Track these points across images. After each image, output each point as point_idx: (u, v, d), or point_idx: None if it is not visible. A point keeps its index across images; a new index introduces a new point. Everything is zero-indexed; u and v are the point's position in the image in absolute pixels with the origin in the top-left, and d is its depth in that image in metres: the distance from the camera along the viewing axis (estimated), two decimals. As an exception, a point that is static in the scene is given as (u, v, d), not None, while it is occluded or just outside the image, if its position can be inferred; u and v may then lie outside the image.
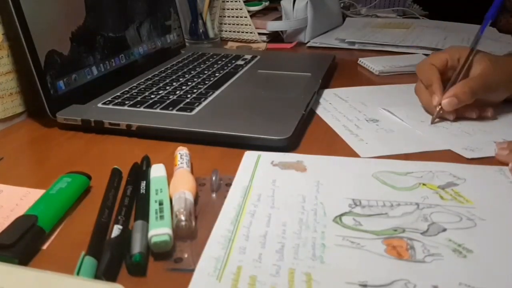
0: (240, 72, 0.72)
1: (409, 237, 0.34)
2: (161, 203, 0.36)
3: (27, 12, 0.53)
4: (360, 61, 0.84)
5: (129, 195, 0.39)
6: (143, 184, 0.40)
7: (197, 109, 0.56)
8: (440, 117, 0.56)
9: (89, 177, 0.42)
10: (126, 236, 0.33)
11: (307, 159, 0.46)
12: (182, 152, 0.45)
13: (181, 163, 0.43)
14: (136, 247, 0.32)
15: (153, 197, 0.37)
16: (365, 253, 0.32)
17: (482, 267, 0.31)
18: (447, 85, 0.56)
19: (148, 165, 0.44)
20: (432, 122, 0.55)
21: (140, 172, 0.43)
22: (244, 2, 1.02)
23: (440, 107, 0.55)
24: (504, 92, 0.57)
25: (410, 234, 0.34)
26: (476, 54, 0.56)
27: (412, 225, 0.35)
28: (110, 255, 0.31)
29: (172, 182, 0.40)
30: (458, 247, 0.33)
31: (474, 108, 0.56)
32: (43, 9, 0.56)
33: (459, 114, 0.56)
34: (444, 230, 0.35)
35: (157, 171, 0.42)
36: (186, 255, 0.33)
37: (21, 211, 0.36)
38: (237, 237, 0.34)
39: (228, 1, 1.03)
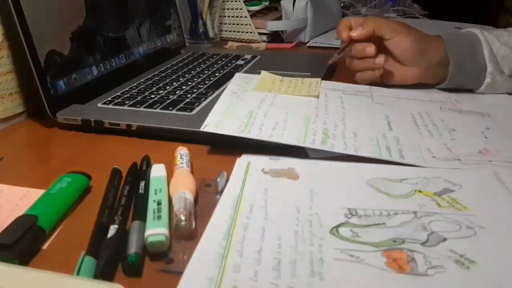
0: (240, 72, 0.72)
1: (409, 249, 0.33)
2: (159, 203, 0.36)
3: (27, 12, 0.53)
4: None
5: (126, 195, 0.38)
6: (142, 184, 0.40)
7: (197, 109, 0.56)
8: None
9: (89, 177, 0.42)
10: (122, 236, 0.33)
11: (299, 165, 0.44)
12: (182, 152, 0.45)
13: (181, 163, 0.43)
14: (132, 247, 0.32)
15: (151, 197, 0.37)
16: (365, 267, 0.31)
17: (486, 279, 0.30)
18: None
19: (148, 165, 0.44)
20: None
21: (138, 172, 0.43)
22: (244, 2, 1.02)
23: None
24: (412, 46, 0.62)
25: (410, 245, 0.33)
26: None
27: (412, 235, 0.34)
28: (105, 256, 0.31)
29: (172, 182, 0.40)
30: (460, 258, 0.32)
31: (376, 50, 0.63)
32: (43, 9, 0.56)
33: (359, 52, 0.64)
34: (445, 239, 0.34)
35: (157, 171, 0.41)
36: (181, 256, 0.32)
37: (21, 211, 0.36)
38: (231, 254, 0.32)
39: (228, 1, 1.03)
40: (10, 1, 0.51)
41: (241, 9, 1.02)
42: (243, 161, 0.45)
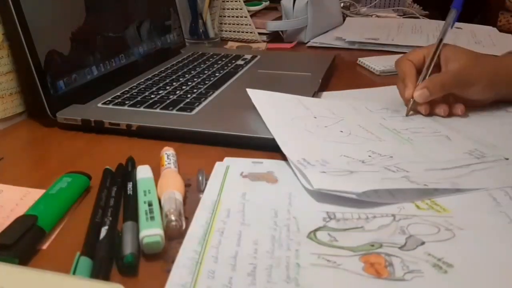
0: (240, 72, 0.72)
1: (387, 253, 0.32)
2: (150, 204, 0.36)
3: (27, 12, 0.53)
4: (359, 61, 0.84)
5: (115, 196, 0.38)
6: (130, 185, 0.40)
7: (197, 109, 0.56)
8: (414, 110, 0.57)
9: (89, 177, 0.42)
10: (114, 237, 0.33)
11: (278, 169, 0.43)
12: (168, 153, 0.45)
13: (169, 163, 0.43)
14: (128, 248, 0.32)
15: (141, 198, 0.37)
16: (342, 272, 0.30)
17: (463, 282, 0.30)
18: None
19: (133, 167, 0.44)
20: (407, 114, 0.57)
21: (125, 173, 0.43)
22: (244, 2, 1.02)
23: (412, 100, 0.56)
24: (484, 91, 0.55)
25: (387, 249, 0.32)
26: (456, 49, 0.57)
27: (389, 239, 0.33)
28: (101, 256, 0.31)
29: (160, 182, 0.40)
30: (438, 262, 0.31)
31: (443, 105, 0.56)
32: (43, 9, 0.56)
33: (430, 110, 0.56)
34: (423, 243, 0.33)
35: (143, 172, 0.41)
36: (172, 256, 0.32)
37: (21, 211, 0.36)
38: (205, 259, 0.31)
39: (228, 1, 1.03)
40: (10, 1, 0.51)
41: (241, 9, 1.02)
42: (222, 164, 0.44)
